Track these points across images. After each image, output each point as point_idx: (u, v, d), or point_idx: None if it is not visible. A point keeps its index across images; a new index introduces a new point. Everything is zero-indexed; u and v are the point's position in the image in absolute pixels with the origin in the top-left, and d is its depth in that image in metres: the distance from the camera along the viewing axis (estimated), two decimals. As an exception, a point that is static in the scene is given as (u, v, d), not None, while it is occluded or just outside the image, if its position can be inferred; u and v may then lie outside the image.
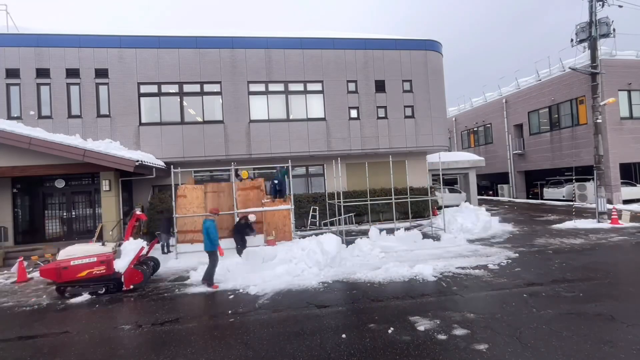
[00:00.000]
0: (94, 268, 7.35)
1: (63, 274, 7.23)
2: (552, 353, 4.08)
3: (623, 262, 8.01)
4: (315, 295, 6.68)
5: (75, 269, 7.27)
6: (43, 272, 7.34)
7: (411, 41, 16.80)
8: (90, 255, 7.45)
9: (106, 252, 7.63)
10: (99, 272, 7.38)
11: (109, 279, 7.51)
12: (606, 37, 14.23)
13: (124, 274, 7.53)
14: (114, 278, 7.54)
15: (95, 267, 7.35)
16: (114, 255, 7.60)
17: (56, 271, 7.23)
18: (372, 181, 15.75)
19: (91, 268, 7.34)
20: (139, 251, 7.80)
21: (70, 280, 7.32)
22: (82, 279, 7.35)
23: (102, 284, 7.50)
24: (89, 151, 10.94)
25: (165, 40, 14.67)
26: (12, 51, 13.74)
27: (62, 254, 7.52)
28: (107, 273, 7.44)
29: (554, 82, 22.49)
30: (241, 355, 4.41)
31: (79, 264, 7.31)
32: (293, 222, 11.73)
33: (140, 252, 7.86)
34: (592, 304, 5.55)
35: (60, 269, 7.23)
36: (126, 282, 7.53)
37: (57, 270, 7.23)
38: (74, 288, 7.40)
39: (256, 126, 15.13)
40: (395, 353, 4.26)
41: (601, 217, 13.44)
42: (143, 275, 7.72)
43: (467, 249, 10.01)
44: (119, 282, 7.57)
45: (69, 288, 7.40)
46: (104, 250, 7.74)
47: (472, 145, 31.64)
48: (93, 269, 7.34)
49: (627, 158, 19.79)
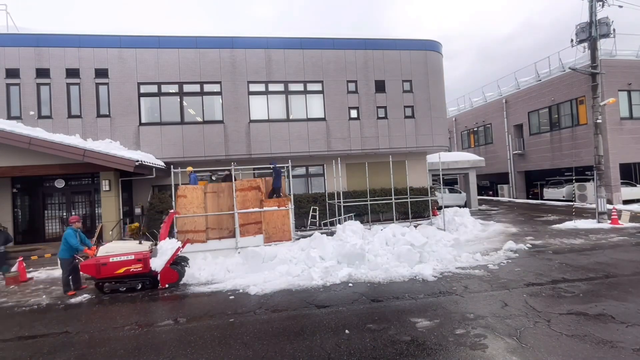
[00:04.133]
0: (131, 266, 7.49)
1: (102, 270, 7.39)
2: (552, 353, 4.08)
3: (623, 262, 8.00)
4: (315, 295, 6.68)
5: (113, 266, 7.42)
6: (83, 268, 7.49)
7: (411, 41, 16.80)
8: (128, 253, 7.58)
9: (143, 251, 7.76)
10: (135, 269, 7.51)
11: (145, 277, 7.65)
12: (606, 37, 14.22)
13: (160, 273, 7.64)
14: (150, 276, 7.67)
15: (132, 265, 7.49)
16: (150, 254, 7.73)
17: (95, 267, 7.38)
18: (372, 181, 15.77)
19: (129, 265, 7.48)
20: (175, 251, 7.92)
21: (108, 276, 7.46)
22: (120, 276, 7.49)
23: (139, 280, 7.62)
24: (89, 151, 10.93)
25: (165, 40, 14.67)
26: (12, 51, 13.73)
27: (101, 251, 7.69)
28: (144, 271, 7.57)
29: (554, 82, 22.50)
30: (241, 355, 4.41)
31: (117, 261, 7.45)
32: (293, 222, 11.74)
33: (176, 252, 7.98)
34: (592, 304, 5.55)
35: (100, 265, 7.38)
36: (162, 281, 7.66)
37: (97, 266, 7.38)
38: (111, 284, 7.53)
39: (256, 126, 15.13)
40: (395, 353, 4.26)
41: (601, 217, 13.45)
42: (178, 274, 7.84)
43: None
44: (154, 279, 7.70)
45: (107, 284, 7.54)
46: (141, 248, 7.85)
47: (472, 146, 31.65)
48: (130, 267, 7.48)
49: (627, 158, 19.80)
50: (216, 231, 11.27)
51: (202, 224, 11.11)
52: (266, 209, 11.18)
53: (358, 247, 8.35)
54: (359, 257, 8.12)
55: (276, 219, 11.30)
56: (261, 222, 11.28)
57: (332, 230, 11.84)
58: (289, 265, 8.08)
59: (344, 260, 8.22)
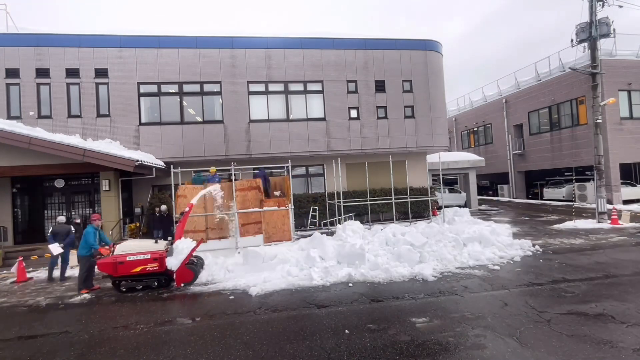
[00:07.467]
0: (147, 264, 7.55)
1: (119, 269, 7.43)
2: (552, 353, 4.08)
3: (623, 262, 8.00)
4: (315, 295, 6.68)
5: (130, 264, 7.47)
6: (100, 266, 7.51)
7: (411, 41, 16.80)
8: (144, 252, 7.64)
9: (159, 250, 7.80)
10: (152, 268, 7.57)
11: (160, 276, 7.71)
12: (606, 37, 14.21)
13: (176, 272, 7.66)
14: (165, 275, 7.73)
15: (148, 264, 7.55)
16: (166, 253, 7.78)
17: (113, 265, 7.42)
18: (372, 181, 15.77)
19: (145, 264, 7.53)
20: (191, 250, 7.95)
21: (125, 274, 7.51)
22: (136, 274, 7.55)
23: (155, 279, 7.69)
24: (89, 151, 10.94)
25: (165, 40, 14.67)
26: (12, 51, 13.74)
27: (118, 249, 7.72)
28: (160, 270, 7.62)
29: (554, 82, 22.49)
30: (241, 355, 4.41)
31: (134, 259, 7.50)
32: (292, 222, 11.74)
33: (192, 252, 8.01)
34: (592, 304, 5.55)
35: (117, 264, 7.42)
36: (177, 280, 7.68)
37: (114, 264, 7.42)
38: (128, 282, 7.59)
39: (256, 126, 15.13)
40: (395, 353, 4.26)
41: (601, 218, 13.44)
42: (194, 274, 7.88)
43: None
44: (169, 278, 7.77)
45: (123, 282, 7.59)
46: (157, 248, 7.89)
47: (472, 145, 31.64)
48: (147, 266, 7.54)
49: (627, 158, 19.79)
50: (216, 231, 11.26)
51: (202, 224, 11.12)
52: (266, 209, 11.19)
53: (358, 247, 8.34)
54: (359, 257, 8.11)
55: (276, 219, 11.31)
56: (261, 222, 11.29)
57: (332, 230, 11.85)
58: (289, 265, 8.07)
59: (344, 260, 8.22)
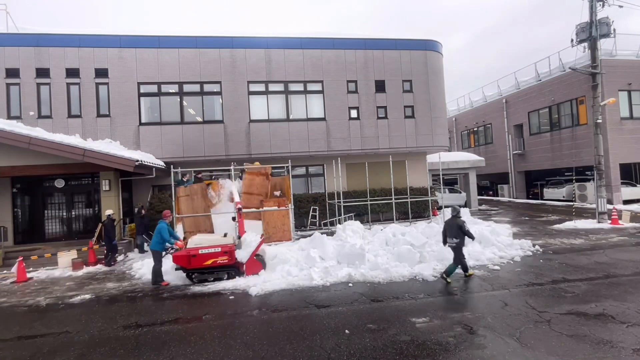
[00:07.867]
0: (218, 257, 7.82)
1: (192, 261, 7.71)
2: (552, 353, 4.08)
3: (623, 262, 8.00)
4: (315, 295, 6.68)
5: (202, 257, 7.74)
6: (176, 259, 7.77)
7: (411, 41, 16.79)
8: (215, 246, 7.91)
9: (229, 244, 8.06)
10: (222, 261, 7.85)
11: (230, 268, 7.96)
12: (606, 37, 14.20)
13: (246, 264, 7.97)
14: (235, 267, 7.99)
15: (219, 257, 7.83)
16: (235, 247, 8.05)
17: (187, 258, 7.70)
18: (372, 181, 15.77)
19: (216, 257, 7.81)
20: (259, 243, 8.27)
21: (197, 267, 7.77)
22: (208, 267, 7.81)
23: (225, 271, 7.95)
24: (89, 151, 10.92)
25: (165, 40, 14.67)
26: (12, 51, 13.73)
27: (190, 243, 8.01)
28: (229, 263, 7.89)
29: (554, 82, 22.49)
30: (241, 355, 4.41)
31: (206, 253, 7.77)
32: (292, 222, 11.74)
33: (260, 245, 8.30)
34: (592, 304, 5.55)
35: (190, 257, 7.70)
36: (247, 271, 7.98)
37: (188, 257, 7.69)
38: (200, 274, 7.85)
39: (256, 126, 15.13)
40: (395, 353, 4.26)
41: (601, 218, 13.44)
42: (262, 265, 8.16)
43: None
44: (238, 270, 8.02)
45: (196, 274, 7.86)
46: (226, 241, 8.16)
47: (472, 145, 31.64)
48: (217, 258, 7.82)
49: (627, 158, 19.79)
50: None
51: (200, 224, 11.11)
52: (266, 209, 11.19)
53: (358, 247, 8.35)
54: (359, 257, 8.11)
55: (276, 219, 11.32)
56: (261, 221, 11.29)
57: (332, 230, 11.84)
58: (289, 265, 8.08)
59: (344, 260, 8.23)
